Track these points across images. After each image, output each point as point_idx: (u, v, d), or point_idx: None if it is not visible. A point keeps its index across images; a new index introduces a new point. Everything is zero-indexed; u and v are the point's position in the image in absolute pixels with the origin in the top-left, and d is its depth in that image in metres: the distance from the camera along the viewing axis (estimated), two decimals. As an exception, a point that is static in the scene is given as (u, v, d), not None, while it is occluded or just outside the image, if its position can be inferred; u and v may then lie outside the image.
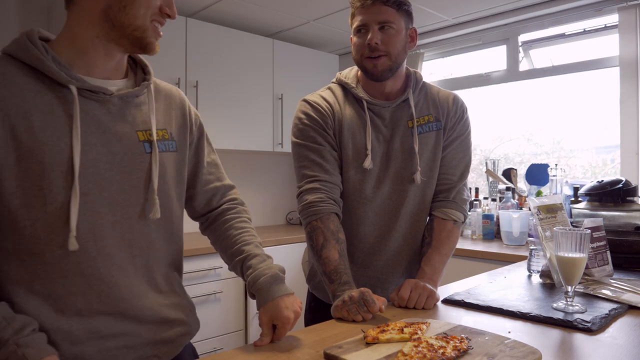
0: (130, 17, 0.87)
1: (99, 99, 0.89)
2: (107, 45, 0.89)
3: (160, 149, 0.97)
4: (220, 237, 1.12)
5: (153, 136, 0.95)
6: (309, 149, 1.32)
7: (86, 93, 0.87)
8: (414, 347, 0.83)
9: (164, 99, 1.03)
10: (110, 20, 0.87)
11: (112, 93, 0.90)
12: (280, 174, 3.84)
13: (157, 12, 0.90)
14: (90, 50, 0.89)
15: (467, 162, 1.43)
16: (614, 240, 1.53)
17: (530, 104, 3.30)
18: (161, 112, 1.01)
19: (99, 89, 0.88)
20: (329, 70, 3.68)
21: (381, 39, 1.26)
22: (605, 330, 0.99)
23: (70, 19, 0.89)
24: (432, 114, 1.38)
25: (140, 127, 0.94)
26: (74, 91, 0.85)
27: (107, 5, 0.86)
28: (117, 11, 0.86)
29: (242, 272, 1.06)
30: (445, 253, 1.35)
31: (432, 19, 3.15)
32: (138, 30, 0.88)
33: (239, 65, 3.16)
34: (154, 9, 0.89)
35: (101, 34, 0.88)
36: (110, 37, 0.88)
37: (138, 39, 0.89)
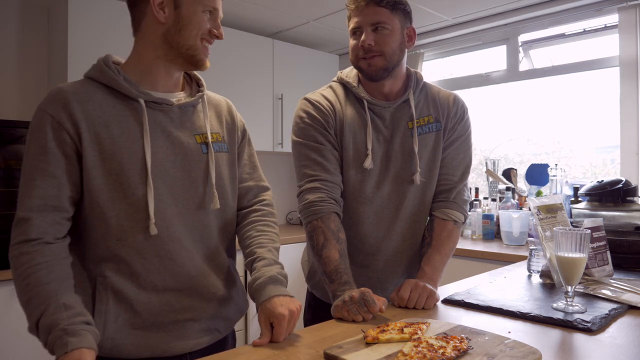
0: (184, 39, 1.04)
1: (162, 109, 1.07)
2: (167, 65, 1.08)
3: (215, 149, 1.13)
4: (242, 236, 1.21)
5: (208, 138, 1.12)
6: (310, 148, 1.32)
7: (152, 105, 1.06)
8: (414, 347, 0.83)
9: (215, 108, 1.21)
10: (169, 42, 1.05)
11: (172, 103, 1.08)
12: (280, 174, 3.84)
13: (207, 33, 1.07)
14: (153, 69, 1.07)
15: (468, 163, 1.43)
16: (614, 240, 1.53)
17: (530, 104, 3.30)
18: (214, 119, 1.19)
19: (162, 101, 1.06)
20: (329, 70, 3.68)
21: (375, 40, 1.27)
22: (605, 330, 0.99)
23: (137, 44, 1.08)
24: (432, 114, 1.38)
25: (197, 132, 1.12)
26: (142, 103, 1.04)
27: (165, 30, 1.04)
28: (174, 34, 1.04)
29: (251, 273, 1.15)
30: (446, 253, 1.35)
31: (432, 19, 3.15)
32: (191, 49, 1.06)
33: (239, 65, 3.16)
34: (204, 31, 1.06)
35: (161, 55, 1.06)
36: (168, 57, 1.06)
37: (190, 57, 1.07)
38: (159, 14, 1.03)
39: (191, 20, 1.04)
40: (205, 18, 1.06)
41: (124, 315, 1.02)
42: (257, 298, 1.05)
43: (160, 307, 1.04)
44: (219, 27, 1.09)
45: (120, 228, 1.01)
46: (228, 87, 3.11)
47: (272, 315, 0.98)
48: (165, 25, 1.04)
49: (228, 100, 1.28)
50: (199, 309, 1.09)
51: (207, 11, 1.06)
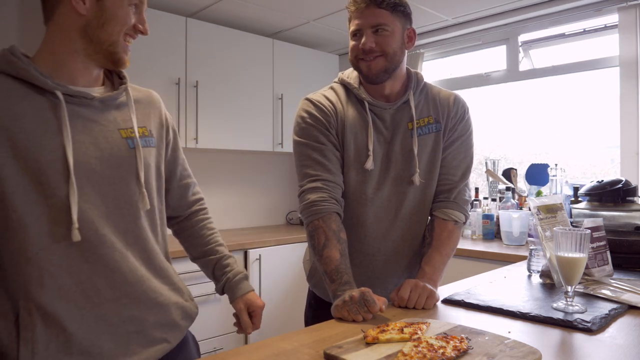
0: (106, 34, 0.95)
1: (82, 103, 0.96)
2: (85, 60, 0.97)
3: (142, 144, 1.04)
4: (192, 235, 1.25)
5: (135, 133, 1.02)
6: (312, 148, 1.32)
7: (70, 98, 0.94)
8: (414, 347, 0.83)
9: (143, 99, 1.12)
10: (88, 36, 0.95)
11: (93, 97, 0.98)
12: (280, 174, 3.84)
13: (131, 29, 0.99)
14: (69, 63, 0.96)
15: (469, 163, 1.43)
16: (614, 240, 1.53)
17: (530, 103, 3.30)
18: (140, 111, 1.09)
19: (81, 94, 0.96)
20: (329, 70, 3.68)
21: (375, 41, 1.27)
22: (605, 330, 0.99)
23: (50, 34, 0.96)
24: (432, 115, 1.38)
25: (122, 126, 1.02)
26: (60, 96, 0.92)
27: (85, 23, 0.94)
28: (96, 28, 0.94)
29: (215, 269, 1.24)
30: (446, 253, 1.35)
31: (432, 19, 3.15)
32: (112, 46, 0.97)
33: (239, 65, 3.16)
34: (129, 26, 0.98)
35: (79, 49, 0.96)
36: (87, 52, 0.96)
37: (111, 54, 0.98)
38: (78, 5, 0.92)
39: (116, 14, 0.95)
40: (130, 12, 0.97)
41: (56, 341, 0.89)
42: (236, 291, 1.21)
43: (97, 324, 0.92)
44: (144, 21, 1.01)
45: (41, 236, 0.88)
46: (228, 87, 3.11)
47: (252, 305, 1.19)
48: (85, 17, 0.93)
49: (156, 93, 1.17)
50: (140, 318, 0.98)
51: (132, 4, 0.97)
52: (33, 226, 0.88)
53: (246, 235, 3.12)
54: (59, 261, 0.90)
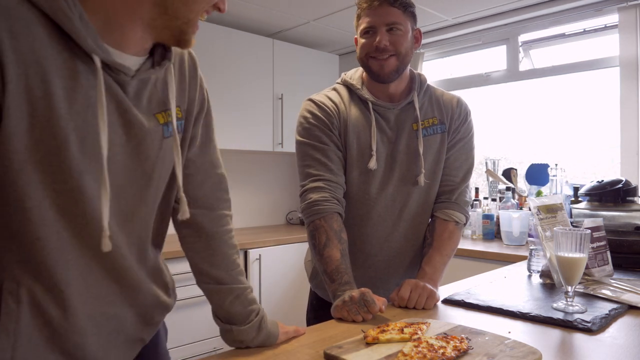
0: (188, 10, 0.79)
1: (118, 79, 0.77)
2: (145, 30, 0.78)
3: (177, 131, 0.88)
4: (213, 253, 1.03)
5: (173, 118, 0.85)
6: (314, 148, 1.32)
7: (107, 69, 0.75)
8: (414, 347, 0.83)
9: (178, 69, 0.94)
10: (165, 6, 0.76)
11: (134, 75, 0.79)
12: (281, 174, 3.84)
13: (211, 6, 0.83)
14: (126, 28, 0.76)
15: (470, 164, 1.43)
16: (614, 240, 1.53)
17: (530, 104, 3.30)
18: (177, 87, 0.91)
19: (122, 68, 0.76)
20: (329, 70, 3.68)
21: (389, 40, 1.27)
22: (605, 330, 0.99)
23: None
24: (437, 116, 1.39)
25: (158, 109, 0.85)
26: (97, 62, 0.72)
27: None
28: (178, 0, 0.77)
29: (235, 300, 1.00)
30: (447, 254, 1.35)
31: (432, 19, 3.15)
32: (187, 24, 0.80)
33: (239, 65, 3.16)
34: (210, 3, 0.82)
35: (145, 17, 0.76)
36: (154, 23, 0.78)
37: (181, 33, 0.81)
38: None
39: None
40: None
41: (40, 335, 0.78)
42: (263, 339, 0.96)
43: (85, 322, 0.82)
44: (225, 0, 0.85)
45: (41, 222, 0.73)
46: (228, 87, 3.11)
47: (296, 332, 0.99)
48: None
49: (192, 53, 0.99)
50: (123, 318, 0.89)
51: None
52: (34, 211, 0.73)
53: (246, 235, 3.12)
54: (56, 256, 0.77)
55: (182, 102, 0.91)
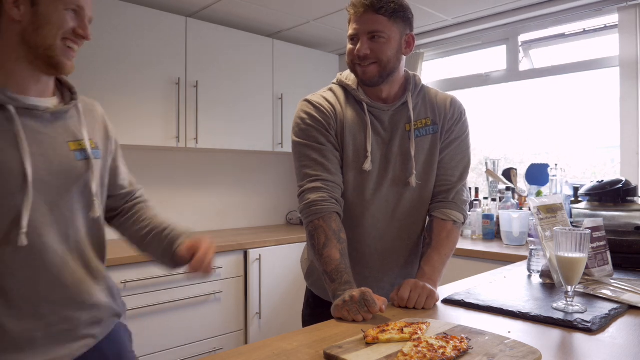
0: (42, 38, 0.97)
1: (33, 115, 1.00)
2: (30, 68, 1.00)
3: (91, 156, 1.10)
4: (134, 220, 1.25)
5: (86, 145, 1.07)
6: (311, 149, 1.33)
7: (21, 111, 0.98)
8: (414, 347, 0.83)
9: (89, 113, 1.16)
10: (27, 42, 0.97)
11: (44, 110, 1.02)
12: (280, 174, 3.84)
13: (70, 33, 1.00)
14: (17, 72, 1.00)
15: (467, 164, 1.43)
16: (614, 240, 1.53)
17: (530, 104, 3.30)
18: (87, 125, 1.13)
19: (33, 107, 1.00)
20: (329, 70, 3.68)
21: (370, 48, 1.28)
22: (605, 330, 0.99)
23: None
24: (430, 117, 1.39)
25: (71, 138, 1.07)
26: (12, 110, 0.96)
27: (22, 29, 0.97)
28: (31, 33, 0.97)
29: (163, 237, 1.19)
30: (445, 253, 1.35)
31: (432, 19, 3.15)
32: (49, 50, 0.98)
33: (239, 65, 3.16)
34: (66, 30, 0.99)
35: (22, 56, 0.99)
36: (28, 58, 0.99)
37: (49, 58, 0.99)
38: (12, 11, 0.96)
39: (50, 18, 0.97)
40: (67, 17, 0.99)
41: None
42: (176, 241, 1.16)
43: (33, 323, 0.98)
44: (86, 27, 1.03)
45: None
46: (228, 87, 3.11)
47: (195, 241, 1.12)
48: (21, 23, 0.96)
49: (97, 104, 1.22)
50: (73, 318, 1.04)
51: (69, 9, 0.99)
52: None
53: (246, 235, 3.12)
54: (3, 264, 0.95)
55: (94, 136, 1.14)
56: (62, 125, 1.06)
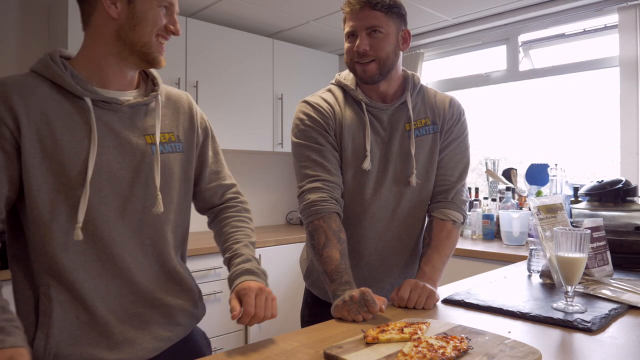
0: (138, 35, 1.00)
1: (111, 109, 1.02)
2: (119, 62, 1.02)
3: (167, 150, 1.09)
4: (218, 233, 1.21)
5: (157, 139, 1.06)
6: (311, 149, 1.33)
7: (100, 103, 1.00)
8: (414, 347, 0.83)
9: (173, 105, 1.14)
10: (122, 39, 0.99)
11: (122, 103, 1.03)
12: (280, 174, 3.84)
13: (163, 29, 1.03)
14: (105, 67, 1.02)
15: (466, 164, 1.43)
16: (614, 240, 1.53)
17: (530, 104, 3.30)
18: (169, 117, 1.12)
19: (111, 100, 1.01)
20: (329, 70, 3.68)
21: (369, 44, 1.28)
22: (605, 330, 0.99)
23: (87, 39, 1.02)
24: (429, 117, 1.39)
25: (148, 132, 1.06)
26: (88, 102, 0.98)
27: (118, 26, 0.99)
28: (128, 30, 0.99)
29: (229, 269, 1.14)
30: (445, 253, 1.35)
31: (432, 19, 3.15)
32: (145, 47, 1.01)
33: (239, 65, 3.16)
34: (159, 27, 1.02)
35: (114, 52, 1.01)
36: (121, 54, 1.01)
37: (145, 54, 1.02)
38: (110, 9, 0.97)
39: (146, 15, 0.99)
40: (161, 13, 1.01)
41: (69, 328, 0.96)
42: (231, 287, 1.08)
43: (106, 317, 0.99)
44: (176, 22, 1.05)
45: (60, 232, 0.95)
46: (228, 87, 3.11)
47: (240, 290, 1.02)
48: (117, 21, 0.98)
49: (189, 96, 1.21)
50: (145, 317, 1.04)
51: (162, 6, 1.02)
52: (53, 223, 0.95)
53: (246, 235, 3.12)
54: (74, 257, 0.96)
55: (176, 129, 1.13)
56: (140, 118, 1.06)
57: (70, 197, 0.95)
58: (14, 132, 0.93)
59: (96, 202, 0.97)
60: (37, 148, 0.94)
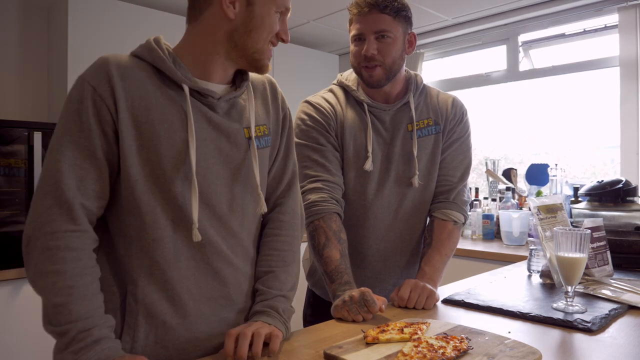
0: (253, 41, 0.95)
1: (207, 102, 0.95)
2: (225, 62, 0.97)
3: (262, 144, 1.03)
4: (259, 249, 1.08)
5: (252, 133, 1.00)
6: (312, 150, 1.33)
7: (197, 95, 0.94)
8: (414, 347, 0.83)
9: (261, 94, 1.08)
10: (234, 41, 0.94)
11: (220, 97, 0.96)
12: (280, 174, 3.83)
13: (274, 36, 0.98)
14: (208, 64, 0.96)
15: (468, 164, 1.43)
16: (614, 240, 1.53)
17: (530, 103, 3.31)
18: (260, 107, 1.06)
19: (209, 93, 0.94)
20: (328, 70, 3.68)
21: (377, 49, 1.27)
22: (605, 330, 0.99)
23: (193, 34, 0.96)
24: (432, 117, 1.39)
25: (246, 124, 1.00)
26: (186, 90, 0.91)
27: (233, 28, 0.93)
28: (243, 34, 0.94)
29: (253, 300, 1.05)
30: (446, 253, 1.35)
31: (432, 19, 3.15)
32: (257, 53, 0.96)
33: (239, 65, 3.16)
34: (273, 33, 0.97)
35: (222, 52, 0.95)
36: (229, 55, 0.96)
37: (255, 60, 0.97)
38: (228, 9, 0.92)
39: (264, 21, 0.94)
40: (277, 19, 0.97)
41: (155, 332, 0.91)
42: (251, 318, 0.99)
43: (196, 321, 0.93)
44: (287, 30, 1.01)
45: (155, 226, 0.89)
46: (228, 87, 3.11)
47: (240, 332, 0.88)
48: (233, 22, 0.93)
49: (272, 79, 1.13)
50: (234, 321, 0.98)
51: (279, 12, 0.97)
52: (149, 216, 0.89)
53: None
54: (168, 255, 0.90)
55: (267, 121, 1.06)
56: (237, 111, 1.00)
57: (165, 190, 0.89)
58: (114, 115, 0.86)
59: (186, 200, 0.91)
60: (134, 135, 0.87)
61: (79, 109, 0.85)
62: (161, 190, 0.89)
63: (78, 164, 0.84)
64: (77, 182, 0.84)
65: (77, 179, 0.84)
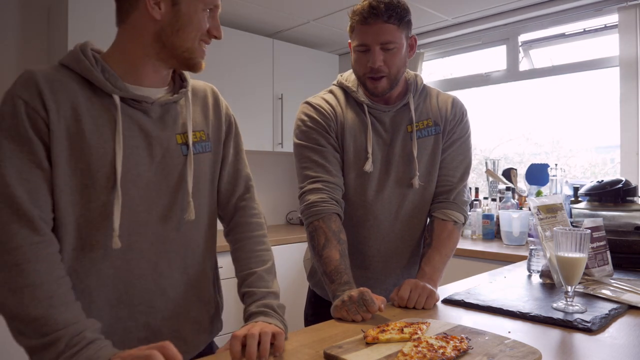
0: (181, 40, 0.94)
1: (141, 107, 0.95)
2: (156, 63, 0.97)
3: (198, 150, 1.03)
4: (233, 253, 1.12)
5: (189, 139, 1.00)
6: (312, 150, 1.33)
7: (130, 102, 0.94)
8: (414, 347, 0.83)
9: (201, 100, 1.08)
10: (162, 42, 0.94)
11: (153, 101, 0.96)
12: (280, 174, 3.84)
13: (205, 34, 0.97)
14: (139, 66, 0.96)
15: (468, 164, 1.43)
16: (614, 240, 1.53)
17: (530, 103, 3.31)
18: (199, 114, 1.06)
19: (141, 98, 0.94)
20: (329, 70, 3.68)
21: (383, 60, 1.25)
22: (605, 330, 0.99)
23: (122, 36, 0.96)
24: (431, 118, 1.39)
25: (179, 131, 1.00)
26: (116, 100, 0.92)
27: (160, 28, 0.93)
28: (170, 34, 0.93)
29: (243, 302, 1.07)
30: (446, 253, 1.35)
31: (432, 19, 3.15)
32: (187, 52, 0.96)
33: (239, 65, 3.16)
34: (203, 31, 0.96)
35: (151, 53, 0.95)
36: (160, 56, 0.96)
37: (187, 60, 0.97)
38: (153, 10, 0.91)
39: (191, 19, 0.93)
40: (205, 17, 0.95)
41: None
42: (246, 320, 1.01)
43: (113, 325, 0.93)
44: (219, 26, 0.99)
45: (78, 236, 0.90)
46: (228, 87, 3.11)
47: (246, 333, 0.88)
48: (159, 23, 0.92)
49: (214, 88, 1.14)
50: (154, 328, 0.97)
51: (207, 9, 0.95)
52: (71, 226, 0.89)
53: (246, 235, 3.11)
54: (87, 263, 0.91)
55: (206, 127, 1.06)
56: (171, 116, 0.99)
57: (93, 200, 0.89)
58: (49, 125, 0.86)
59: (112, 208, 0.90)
60: (65, 146, 0.87)
61: (15, 124, 0.85)
62: (89, 200, 0.89)
63: (25, 178, 0.84)
64: (28, 195, 0.84)
65: (28, 193, 0.84)
